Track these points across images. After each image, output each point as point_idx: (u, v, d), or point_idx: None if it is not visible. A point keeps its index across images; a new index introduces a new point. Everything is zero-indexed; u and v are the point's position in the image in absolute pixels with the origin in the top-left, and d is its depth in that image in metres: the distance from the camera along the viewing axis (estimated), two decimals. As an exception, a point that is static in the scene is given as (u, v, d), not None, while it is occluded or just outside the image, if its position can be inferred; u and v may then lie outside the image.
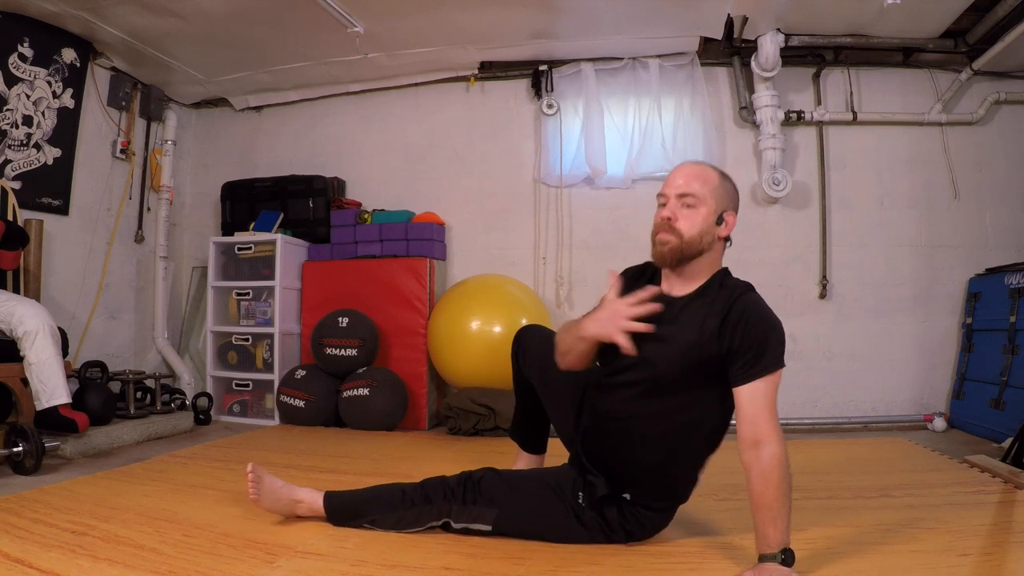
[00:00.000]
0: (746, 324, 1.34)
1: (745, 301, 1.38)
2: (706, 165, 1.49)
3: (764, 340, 1.33)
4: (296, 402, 3.27)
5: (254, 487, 1.59)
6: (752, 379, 1.31)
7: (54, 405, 2.38)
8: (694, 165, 1.49)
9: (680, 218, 1.43)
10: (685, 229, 1.42)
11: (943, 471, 2.27)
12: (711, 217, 1.43)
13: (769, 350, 1.32)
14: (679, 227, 1.42)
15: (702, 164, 1.50)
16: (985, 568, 1.36)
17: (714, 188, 1.44)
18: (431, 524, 1.55)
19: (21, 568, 1.33)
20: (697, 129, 3.52)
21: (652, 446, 1.44)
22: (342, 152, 4.03)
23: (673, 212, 1.43)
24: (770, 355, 1.32)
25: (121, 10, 3.07)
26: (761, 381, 1.31)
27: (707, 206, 1.43)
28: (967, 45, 3.26)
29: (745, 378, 1.32)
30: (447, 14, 3.18)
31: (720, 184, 1.46)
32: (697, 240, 1.42)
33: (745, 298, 1.39)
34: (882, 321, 3.44)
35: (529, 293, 3.47)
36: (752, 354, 1.32)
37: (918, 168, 3.48)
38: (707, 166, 1.49)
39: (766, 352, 1.32)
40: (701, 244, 1.43)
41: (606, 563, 1.40)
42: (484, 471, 1.57)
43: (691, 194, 1.43)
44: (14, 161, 3.09)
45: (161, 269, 3.95)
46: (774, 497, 1.24)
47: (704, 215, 1.43)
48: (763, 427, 1.28)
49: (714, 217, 1.43)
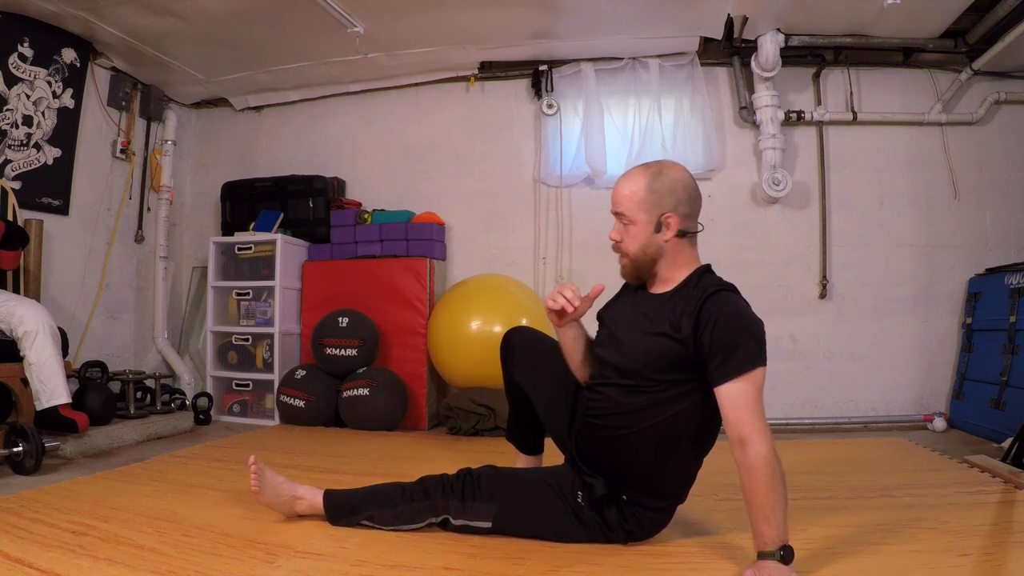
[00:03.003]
0: (715, 324, 1.32)
1: (715, 302, 1.36)
2: (636, 174, 1.48)
3: (735, 340, 1.31)
4: (296, 402, 3.27)
5: (256, 479, 1.59)
6: (727, 379, 1.30)
7: (54, 405, 2.38)
8: (623, 180, 1.49)
9: (623, 238, 1.48)
10: (629, 248, 1.48)
11: (943, 471, 2.27)
12: (648, 228, 1.45)
13: (742, 349, 1.30)
14: (624, 248, 1.49)
15: (632, 174, 1.49)
16: (985, 568, 1.36)
17: (641, 200, 1.44)
18: (430, 520, 1.55)
19: (21, 568, 1.33)
20: (697, 129, 3.52)
21: (639, 446, 1.44)
22: (342, 152, 4.03)
23: (619, 233, 1.49)
24: (743, 354, 1.30)
25: (121, 10, 3.07)
26: (738, 381, 1.29)
27: (639, 220, 1.45)
28: (967, 45, 3.26)
29: (720, 379, 1.31)
30: (447, 14, 3.18)
31: (648, 192, 1.44)
32: (643, 254, 1.47)
33: (715, 299, 1.36)
34: (882, 321, 3.44)
35: (529, 293, 3.47)
36: (723, 355, 1.30)
37: (918, 168, 3.48)
38: (636, 175, 1.48)
39: (737, 351, 1.30)
40: (648, 255, 1.47)
41: (605, 563, 1.40)
42: (484, 468, 1.57)
43: (621, 213, 1.48)
44: (14, 161, 3.10)
45: (161, 269, 3.95)
46: (763, 495, 1.24)
47: (640, 230, 1.45)
48: (745, 427, 1.27)
49: (651, 227, 1.45)
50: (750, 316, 1.36)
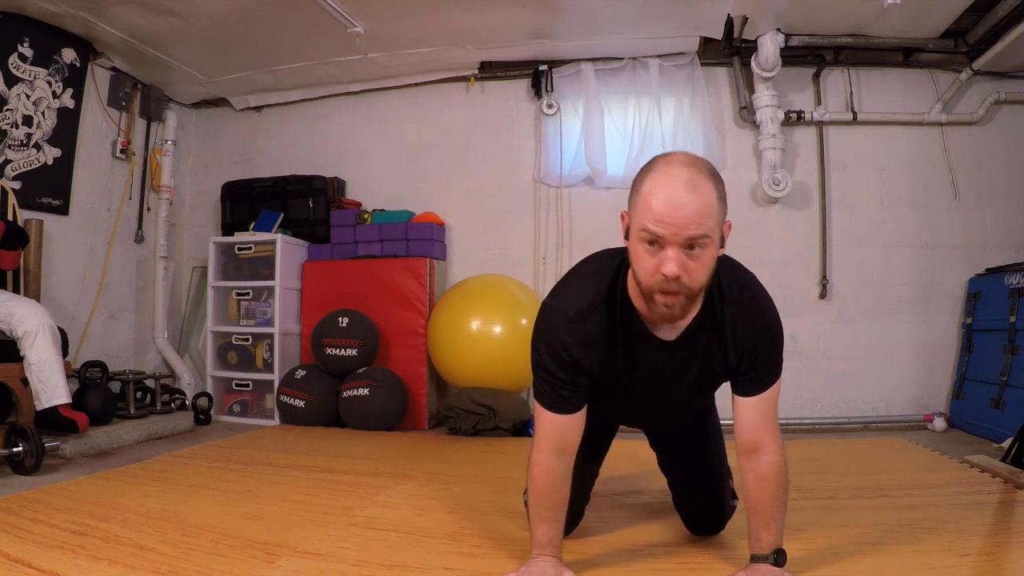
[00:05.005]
0: (755, 348, 1.22)
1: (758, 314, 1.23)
2: (697, 178, 1.08)
3: (768, 361, 1.24)
4: (296, 402, 3.27)
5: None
6: (753, 394, 1.26)
7: (54, 405, 2.38)
8: (688, 191, 1.06)
9: (689, 271, 1.08)
10: (696, 281, 1.10)
11: (943, 471, 2.27)
12: (717, 245, 1.12)
13: (772, 369, 1.25)
14: (688, 283, 1.09)
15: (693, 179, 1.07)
16: (985, 568, 1.36)
17: (718, 212, 1.09)
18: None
19: (21, 568, 1.33)
20: (697, 129, 3.52)
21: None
22: (342, 152, 4.03)
23: (680, 266, 1.07)
24: (772, 373, 1.26)
25: (121, 10, 3.07)
26: (770, 390, 1.26)
27: (715, 239, 1.10)
28: (967, 45, 3.26)
29: (747, 392, 1.26)
30: (447, 14, 3.18)
31: (719, 197, 1.10)
32: (708, 281, 1.14)
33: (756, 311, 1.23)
34: (882, 321, 3.44)
35: (529, 293, 3.47)
36: (756, 375, 1.25)
37: (918, 168, 3.48)
38: (698, 179, 1.08)
39: (769, 372, 1.25)
40: (711, 279, 1.15)
41: (605, 563, 1.40)
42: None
43: (701, 236, 1.07)
44: (14, 161, 3.10)
45: (161, 269, 3.95)
46: (768, 503, 1.24)
47: (713, 251, 1.11)
48: (763, 436, 1.25)
49: (719, 242, 1.13)
50: (777, 321, 1.26)
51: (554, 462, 1.27)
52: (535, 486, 1.28)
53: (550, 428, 1.27)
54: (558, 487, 1.27)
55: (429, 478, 2.22)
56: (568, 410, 1.26)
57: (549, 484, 1.27)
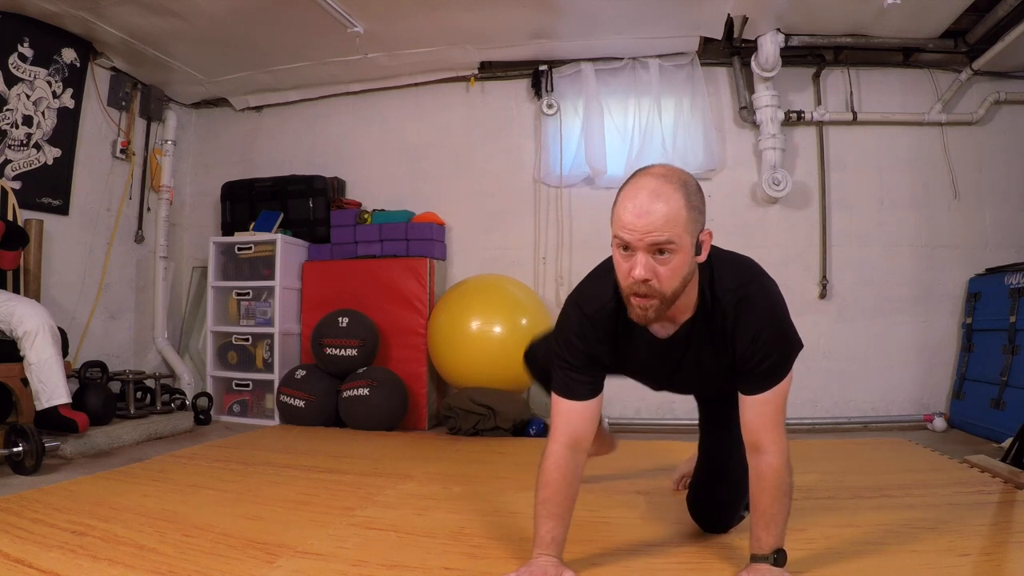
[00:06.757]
0: (763, 347, 1.23)
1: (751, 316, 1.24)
2: (665, 188, 1.13)
3: (777, 359, 1.25)
4: (296, 402, 3.27)
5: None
6: (759, 392, 1.25)
7: (54, 405, 2.38)
8: (651, 200, 1.12)
9: (658, 275, 1.15)
10: (667, 286, 1.16)
11: (943, 471, 2.27)
12: (690, 252, 1.16)
13: (780, 367, 1.25)
14: (659, 287, 1.16)
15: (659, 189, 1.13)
16: (985, 568, 1.36)
17: (686, 220, 1.13)
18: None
19: (21, 568, 1.33)
20: (697, 129, 3.52)
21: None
22: (342, 152, 4.03)
23: (647, 270, 1.14)
24: (780, 370, 1.25)
25: (121, 10, 3.07)
26: (769, 392, 1.25)
27: (684, 246, 1.14)
28: (967, 45, 3.26)
29: (753, 391, 1.25)
30: (447, 14, 3.18)
31: (689, 209, 1.13)
32: (681, 286, 1.18)
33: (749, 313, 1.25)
34: (882, 321, 3.44)
35: (529, 293, 3.47)
36: (762, 374, 1.24)
37: (918, 168, 3.48)
38: (666, 189, 1.13)
39: (776, 370, 1.25)
40: (683, 287, 1.19)
41: (605, 563, 1.40)
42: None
43: (666, 242, 1.12)
44: (14, 161, 3.10)
45: (161, 269, 3.95)
46: (767, 503, 1.24)
47: (684, 258, 1.15)
48: (764, 436, 1.24)
49: (693, 250, 1.17)
50: (785, 317, 1.28)
51: (567, 455, 1.31)
52: (545, 478, 1.30)
53: (566, 417, 1.32)
54: (568, 482, 1.30)
55: (429, 478, 2.22)
56: (583, 396, 1.32)
57: (560, 477, 1.29)
